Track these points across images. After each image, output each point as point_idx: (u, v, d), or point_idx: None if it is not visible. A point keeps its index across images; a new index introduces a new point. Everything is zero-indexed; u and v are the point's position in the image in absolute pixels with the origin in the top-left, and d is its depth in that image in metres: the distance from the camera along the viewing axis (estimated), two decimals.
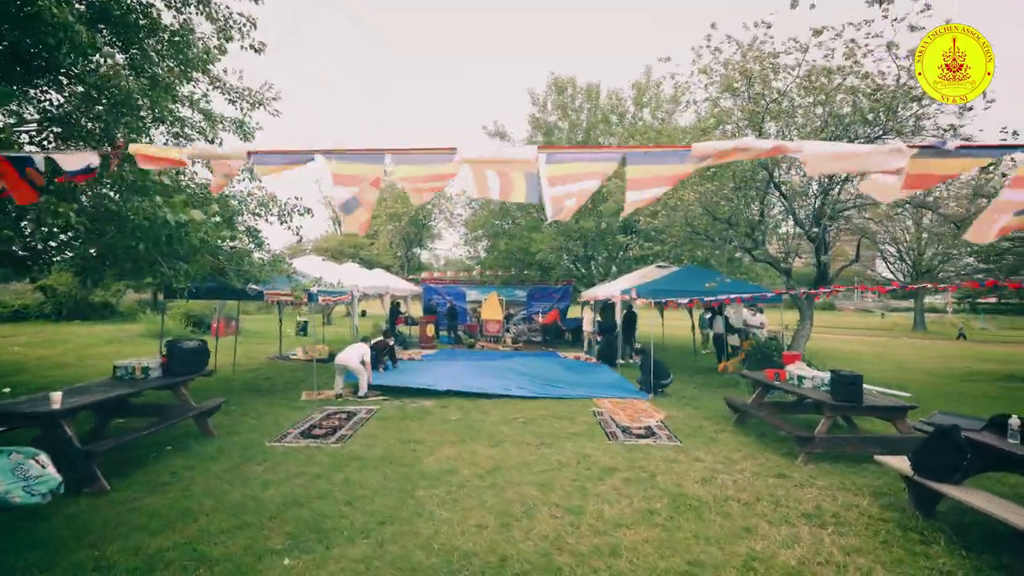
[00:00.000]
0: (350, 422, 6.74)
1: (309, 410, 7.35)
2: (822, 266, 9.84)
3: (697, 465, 5.15)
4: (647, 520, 3.85)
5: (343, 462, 5.09)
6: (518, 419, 7.06)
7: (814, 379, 5.98)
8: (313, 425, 6.54)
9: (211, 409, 6.02)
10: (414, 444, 5.77)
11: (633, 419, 7.11)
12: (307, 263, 11.00)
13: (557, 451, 5.58)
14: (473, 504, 4.11)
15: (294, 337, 18.86)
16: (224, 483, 4.49)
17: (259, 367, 11.41)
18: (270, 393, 8.55)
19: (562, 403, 8.12)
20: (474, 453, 5.46)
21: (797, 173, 9.24)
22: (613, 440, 6.07)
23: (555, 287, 20.17)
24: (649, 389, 8.68)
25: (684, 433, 6.41)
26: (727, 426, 6.77)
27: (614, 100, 17.98)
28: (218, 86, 7.26)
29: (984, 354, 16.88)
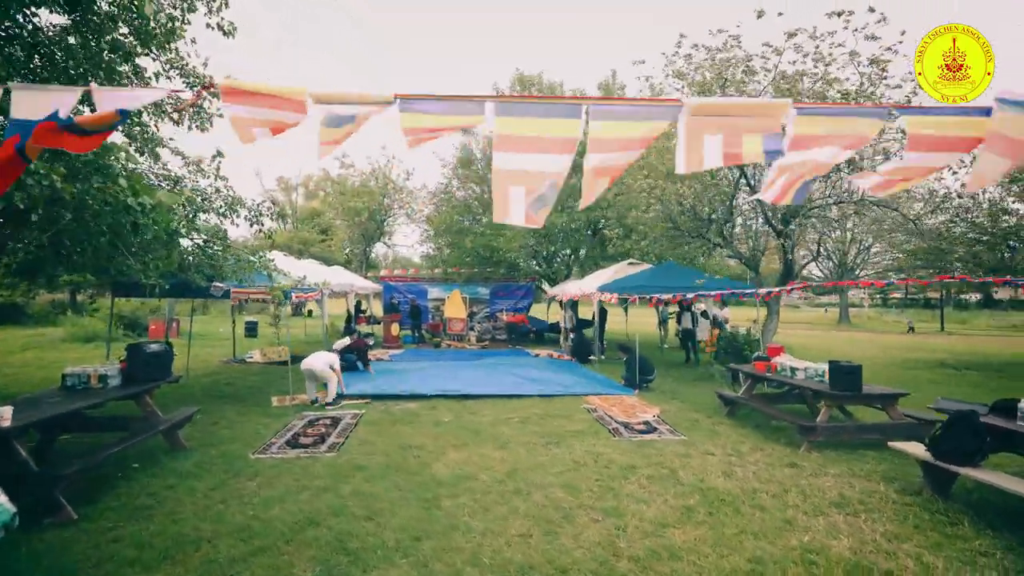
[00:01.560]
0: (337, 428, 6.25)
1: (287, 417, 6.76)
2: (789, 263, 10.30)
3: (711, 459, 5.15)
4: (689, 518, 3.76)
5: (345, 473, 4.67)
6: (513, 419, 6.84)
7: (807, 370, 6.17)
8: (297, 433, 6.00)
9: (183, 420, 5.36)
10: (415, 450, 5.41)
11: (629, 415, 7.08)
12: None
13: (567, 450, 5.41)
14: (505, 511, 3.86)
15: (243, 339, 17.56)
16: (217, 503, 3.97)
17: (215, 372, 10.47)
18: (237, 400, 7.81)
19: (550, 401, 7.98)
20: (484, 456, 5.19)
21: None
22: (618, 437, 5.99)
23: (518, 284, 20.06)
24: (635, 385, 8.72)
25: (683, 427, 6.44)
26: (721, 418, 6.88)
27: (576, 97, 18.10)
28: (177, 66, 6.50)
29: (917, 345, 18.49)
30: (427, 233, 20.09)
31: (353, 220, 20.74)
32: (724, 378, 9.80)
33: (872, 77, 8.56)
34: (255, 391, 8.50)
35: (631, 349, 8.96)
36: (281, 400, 7.67)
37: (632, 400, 8.09)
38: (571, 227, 15.92)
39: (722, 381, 9.67)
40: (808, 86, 8.80)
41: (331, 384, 7.72)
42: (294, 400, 7.63)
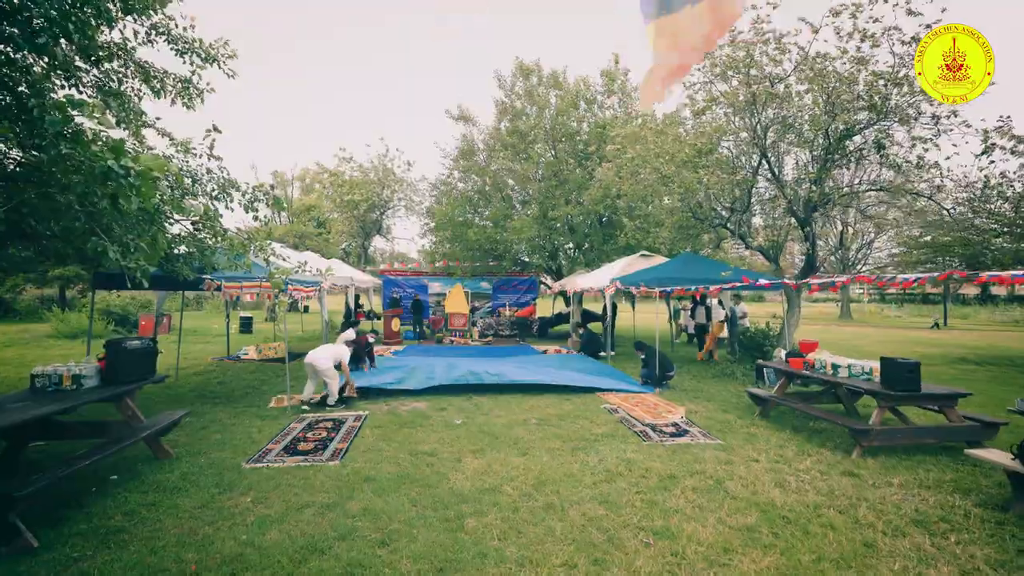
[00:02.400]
0: (340, 432, 5.71)
1: (284, 420, 6.22)
2: (811, 255, 9.80)
3: (756, 466, 4.65)
4: (754, 541, 3.25)
5: (352, 485, 4.13)
6: (529, 420, 6.32)
7: (851, 367, 5.67)
8: (296, 439, 5.45)
9: (169, 425, 4.80)
10: (428, 457, 4.88)
11: (655, 416, 6.57)
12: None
13: (596, 456, 4.89)
14: (540, 533, 3.34)
15: (237, 335, 16.96)
16: (204, 524, 3.42)
17: (206, 370, 9.90)
18: (229, 400, 7.26)
19: (566, 400, 7.47)
20: (505, 464, 4.66)
21: (794, 157, 9.08)
22: (647, 440, 5.48)
23: (521, 279, 19.53)
24: (656, 383, 8.21)
25: (716, 430, 5.94)
26: (753, 420, 6.38)
27: (582, 86, 17.49)
28: (163, 32, 5.90)
29: (929, 340, 18.07)
30: (428, 226, 19.47)
31: (351, 213, 20.07)
32: (746, 375, 9.33)
33: (905, 59, 8.03)
34: (249, 391, 7.94)
35: (649, 347, 8.45)
36: (280, 401, 7.12)
37: (654, 399, 7.59)
38: (578, 219, 15.35)
39: (744, 378, 9.19)
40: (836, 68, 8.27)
41: (332, 384, 7.18)
42: (293, 400, 7.08)
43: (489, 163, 18.04)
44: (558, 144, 16.69)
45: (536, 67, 17.65)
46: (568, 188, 15.68)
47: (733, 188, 8.79)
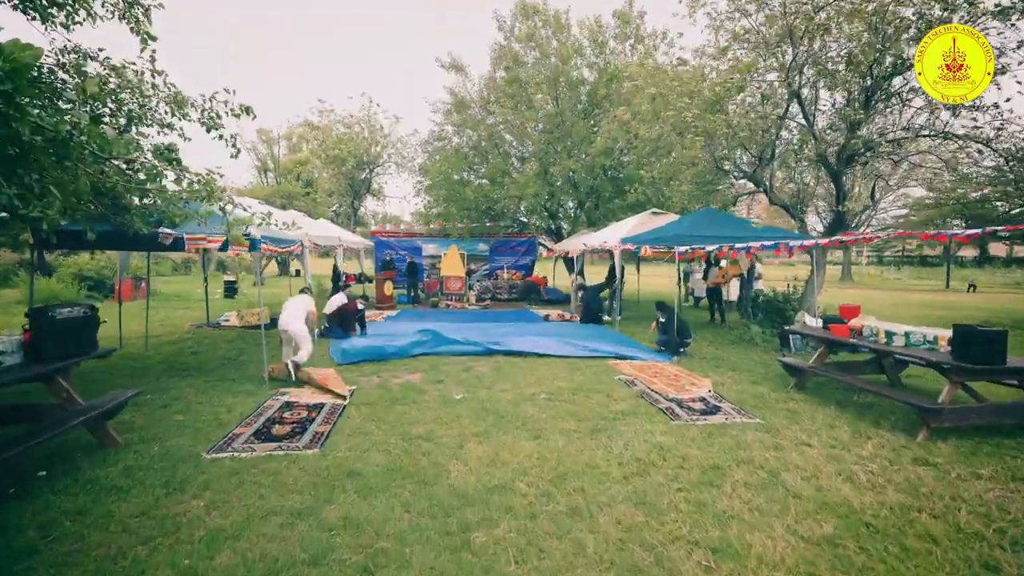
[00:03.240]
0: (323, 412, 4.96)
1: (259, 396, 5.47)
2: (841, 212, 8.94)
3: (810, 453, 3.95)
4: (841, 561, 2.55)
5: (332, 482, 3.40)
6: (538, 395, 5.60)
7: (910, 335, 4.93)
8: (271, 420, 4.70)
9: (114, 407, 4.02)
10: (424, 442, 4.15)
11: (678, 389, 5.87)
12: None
13: (620, 440, 4.18)
14: (568, 551, 2.62)
15: (221, 300, 16.10)
16: (138, 542, 2.68)
17: (182, 338, 9.09)
18: (201, 373, 6.48)
19: (576, 370, 6.76)
20: (514, 452, 3.94)
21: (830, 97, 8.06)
22: (676, 419, 4.77)
23: (520, 240, 18.61)
24: (673, 351, 7.49)
25: (750, 405, 5.24)
26: (789, 393, 5.69)
27: (591, 27, 16.02)
28: None
29: (940, 303, 17.47)
30: (421, 184, 18.31)
31: (338, 170, 18.80)
32: (768, 341, 8.63)
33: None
34: (225, 362, 7.16)
35: (670, 308, 7.69)
36: (278, 369, 6.23)
37: (673, 369, 6.88)
38: (581, 175, 14.29)
39: (766, 345, 8.51)
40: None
41: (304, 345, 6.42)
42: (275, 372, 6.30)
43: (485, 116, 16.75)
44: (561, 94, 15.42)
45: (541, 6, 16.11)
46: (570, 142, 14.56)
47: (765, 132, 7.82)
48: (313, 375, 6.00)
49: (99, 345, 4.35)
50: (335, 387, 5.65)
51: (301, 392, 5.60)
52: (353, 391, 5.67)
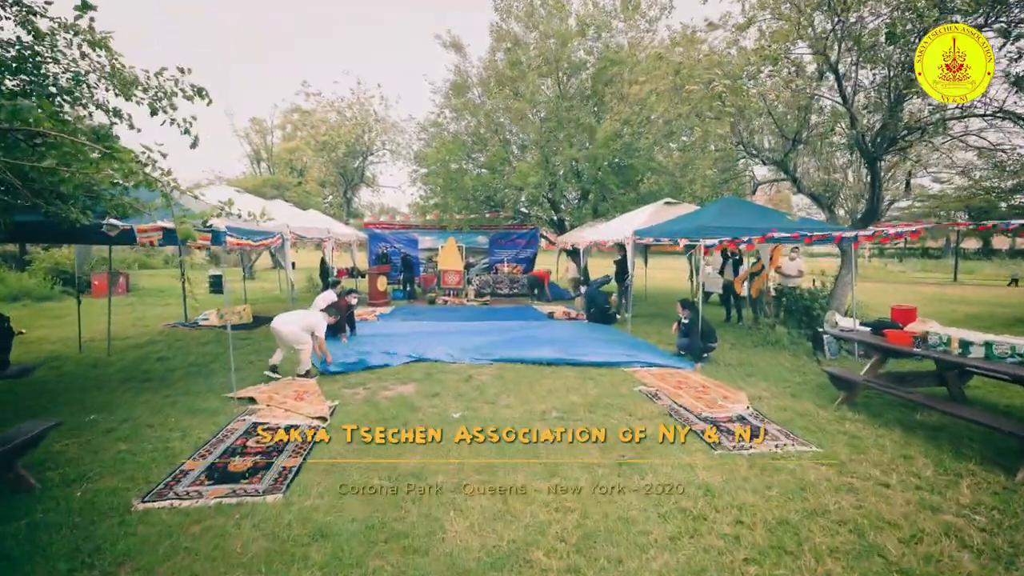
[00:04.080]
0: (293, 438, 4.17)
1: (225, 414, 4.67)
2: (875, 201, 8.15)
3: (894, 497, 3.18)
4: None
5: (294, 550, 2.61)
6: (549, 412, 4.83)
7: (996, 345, 4.15)
8: (231, 450, 3.91)
9: (21, 444, 3.21)
10: (414, 482, 3.37)
11: (709, 404, 5.10)
12: (216, 194, 7.78)
13: (656, 480, 3.41)
14: None
15: (207, 296, 15.25)
16: None
17: (153, 340, 8.27)
18: (163, 384, 5.68)
19: (589, 378, 5.99)
20: (527, 499, 3.16)
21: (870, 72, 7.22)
22: (715, 447, 4.00)
23: (520, 232, 17.77)
24: (697, 357, 6.71)
25: (799, 426, 4.48)
26: (839, 409, 4.92)
27: (591, 8, 15.04)
28: None
29: (957, 298, 16.75)
30: (417, 173, 17.40)
31: (328, 157, 17.82)
32: (795, 343, 7.86)
33: None
34: (193, 370, 6.36)
35: (695, 307, 6.89)
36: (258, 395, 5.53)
37: (699, 378, 6.11)
38: (584, 164, 13.40)
39: (794, 348, 7.73)
40: None
41: (303, 351, 5.83)
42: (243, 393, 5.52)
43: (484, 102, 15.82)
44: (562, 79, 14.51)
45: None
46: (572, 130, 13.66)
47: (800, 110, 6.98)
48: (280, 394, 5.23)
49: (20, 360, 3.54)
50: (311, 406, 4.86)
51: (273, 411, 4.80)
52: (334, 408, 4.88)
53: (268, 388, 5.43)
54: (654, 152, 10.36)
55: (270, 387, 5.48)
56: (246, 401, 5.07)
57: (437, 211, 16.12)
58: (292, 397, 5.14)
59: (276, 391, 5.33)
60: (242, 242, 5.70)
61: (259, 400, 5.05)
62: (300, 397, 5.16)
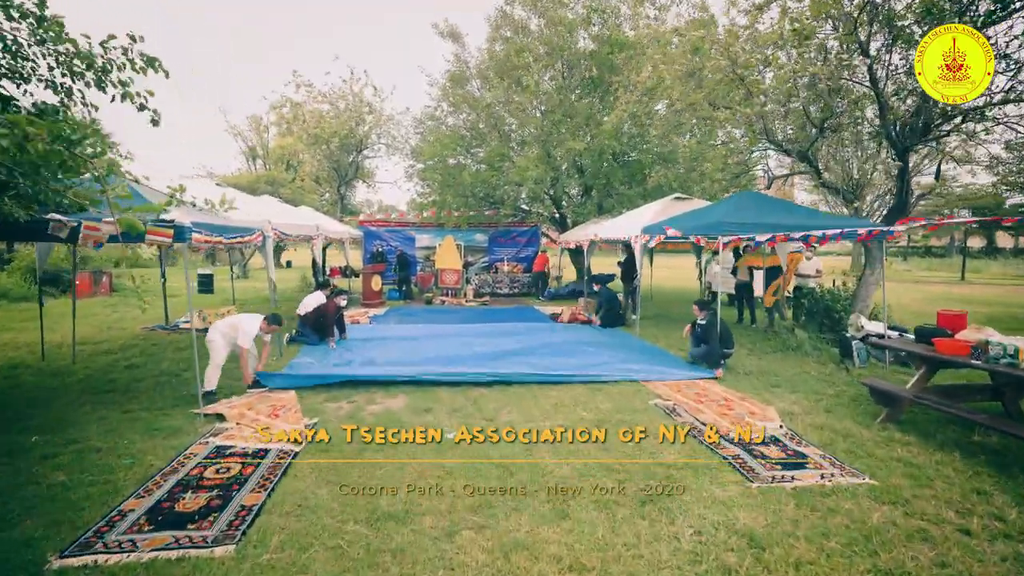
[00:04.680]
0: (264, 464, 3.60)
1: (188, 435, 4.10)
2: (904, 194, 7.57)
3: (982, 550, 2.61)
4: None
5: None
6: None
7: None
8: (185, 482, 3.33)
9: None
10: (396, 528, 2.80)
11: (733, 420, 4.53)
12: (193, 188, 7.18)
13: (685, 521, 2.84)
14: None
15: (195, 296, 14.66)
16: None
17: (126, 345, 7.69)
18: (126, 397, 5.10)
19: (598, 390, 5.43)
20: (534, 550, 2.59)
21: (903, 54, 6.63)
22: (751, 477, 3.43)
23: (521, 230, 17.19)
24: (716, 364, 6.13)
25: (842, 449, 3.91)
26: (885, 428, 4.35)
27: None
28: None
29: (972, 297, 16.15)
30: (413, 168, 16.78)
31: (319, 149, 17.15)
32: (818, 349, 7.28)
33: None
34: (163, 380, 5.77)
35: (712, 309, 6.31)
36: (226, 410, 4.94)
37: (719, 390, 5.53)
38: (587, 159, 12.78)
39: (817, 353, 7.15)
40: None
41: (244, 362, 5.29)
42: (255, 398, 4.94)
43: (484, 94, 15.19)
44: (565, 70, 13.89)
45: None
46: (575, 122, 13.05)
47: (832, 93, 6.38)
48: (253, 410, 4.65)
49: None
50: (287, 424, 4.28)
51: (243, 430, 4.22)
52: (314, 427, 4.30)
53: (240, 403, 4.86)
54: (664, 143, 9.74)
55: (243, 401, 4.92)
56: (214, 418, 4.50)
57: (434, 208, 15.51)
58: (266, 414, 4.57)
59: (249, 406, 4.76)
60: (212, 239, 5.11)
61: (229, 417, 4.47)
62: (275, 414, 4.59)
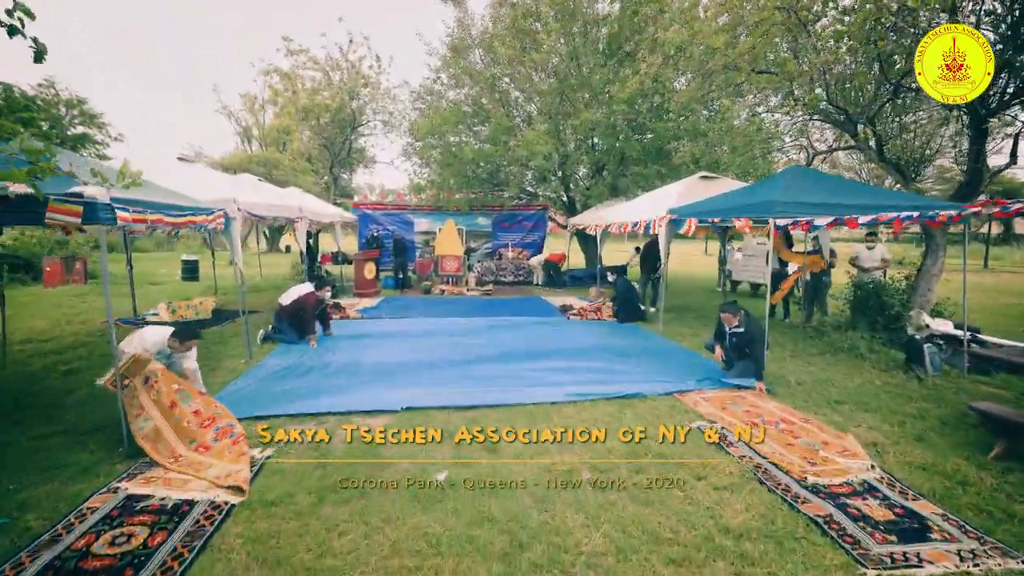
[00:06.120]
0: (185, 521, 2.62)
1: (92, 478, 3.13)
2: (979, 169, 6.46)
3: None
4: None
5: None
6: (580, 471, 3.28)
7: None
8: (57, 566, 2.36)
9: None
10: None
11: (807, 455, 3.52)
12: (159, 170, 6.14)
13: None
14: None
15: (179, 283, 13.73)
16: None
17: (76, 343, 6.74)
18: (48, 414, 4.15)
19: (627, 405, 4.44)
20: None
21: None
22: (861, 559, 2.43)
23: (526, 213, 16.09)
24: (757, 375, 5.05)
25: (965, 506, 2.91)
26: (1001, 472, 3.34)
27: None
28: None
29: (1005, 287, 14.99)
30: (412, 147, 15.59)
31: (311, 124, 15.94)
32: (876, 351, 6.23)
33: None
34: (99, 389, 4.78)
35: (745, 310, 5.21)
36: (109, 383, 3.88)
37: (773, 406, 4.52)
38: (601, 130, 11.55)
39: (874, 356, 6.11)
40: None
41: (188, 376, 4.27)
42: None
43: (489, 64, 13.94)
44: (579, 36, 12.61)
45: None
46: (588, 93, 11.85)
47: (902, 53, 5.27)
48: (164, 455, 3.61)
49: None
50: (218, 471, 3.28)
51: (167, 473, 3.24)
52: (260, 465, 3.31)
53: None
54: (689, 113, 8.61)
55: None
56: (140, 453, 3.50)
57: (433, 190, 14.40)
58: (195, 457, 3.51)
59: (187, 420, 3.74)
60: (147, 217, 4.08)
61: (159, 460, 3.42)
62: (219, 436, 3.59)
